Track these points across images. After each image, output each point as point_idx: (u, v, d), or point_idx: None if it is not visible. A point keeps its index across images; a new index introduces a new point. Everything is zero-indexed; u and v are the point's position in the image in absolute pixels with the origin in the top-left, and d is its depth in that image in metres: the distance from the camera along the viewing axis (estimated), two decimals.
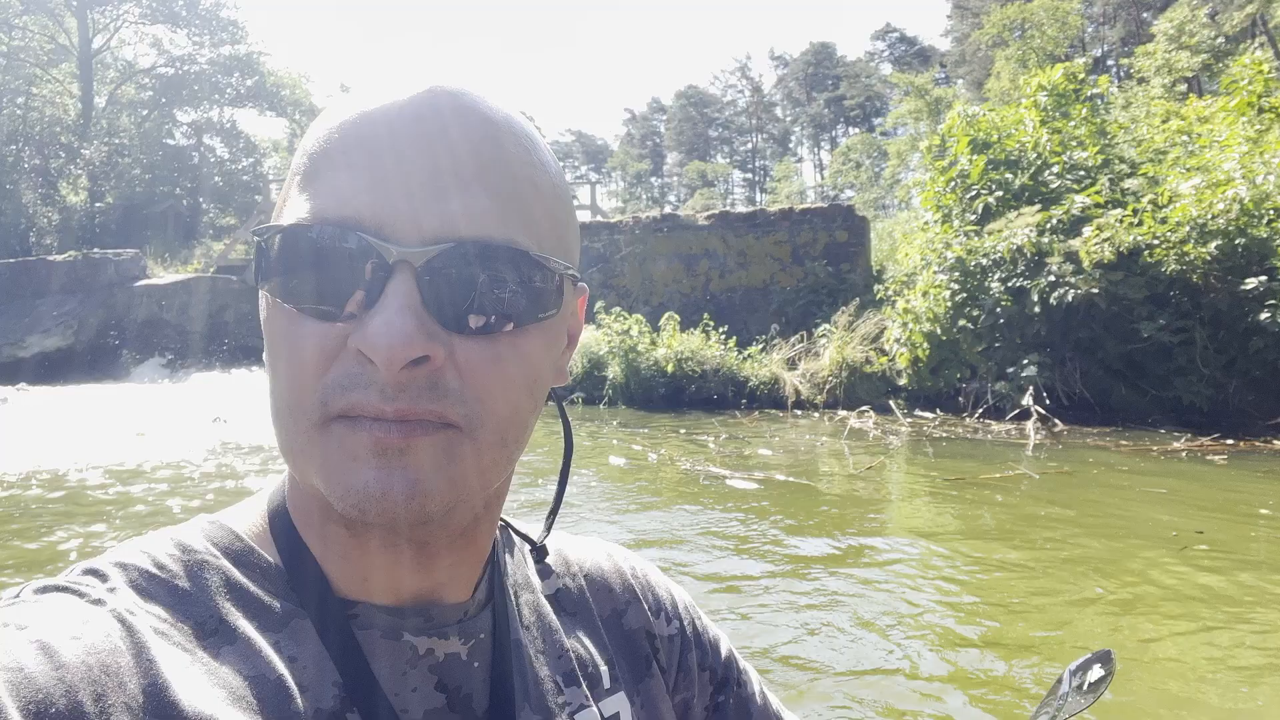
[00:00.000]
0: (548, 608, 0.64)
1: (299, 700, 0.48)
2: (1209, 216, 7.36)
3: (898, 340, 9.25)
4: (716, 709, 0.71)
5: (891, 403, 8.98)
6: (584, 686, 0.61)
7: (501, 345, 0.48)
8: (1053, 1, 41.50)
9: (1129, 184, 8.61)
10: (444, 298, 0.46)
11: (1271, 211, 7.33)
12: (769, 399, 9.66)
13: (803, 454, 6.76)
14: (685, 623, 0.72)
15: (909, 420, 8.33)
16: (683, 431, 7.77)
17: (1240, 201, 7.22)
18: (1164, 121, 9.96)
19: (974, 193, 9.51)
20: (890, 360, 9.42)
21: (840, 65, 59.42)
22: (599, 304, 11.03)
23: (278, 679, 0.48)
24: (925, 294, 9.08)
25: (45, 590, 0.47)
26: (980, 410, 8.40)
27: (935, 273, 9.17)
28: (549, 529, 0.68)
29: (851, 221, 11.72)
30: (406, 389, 0.45)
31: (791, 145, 65.87)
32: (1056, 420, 7.62)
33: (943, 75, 51.45)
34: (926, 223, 10.20)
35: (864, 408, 8.85)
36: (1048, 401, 7.91)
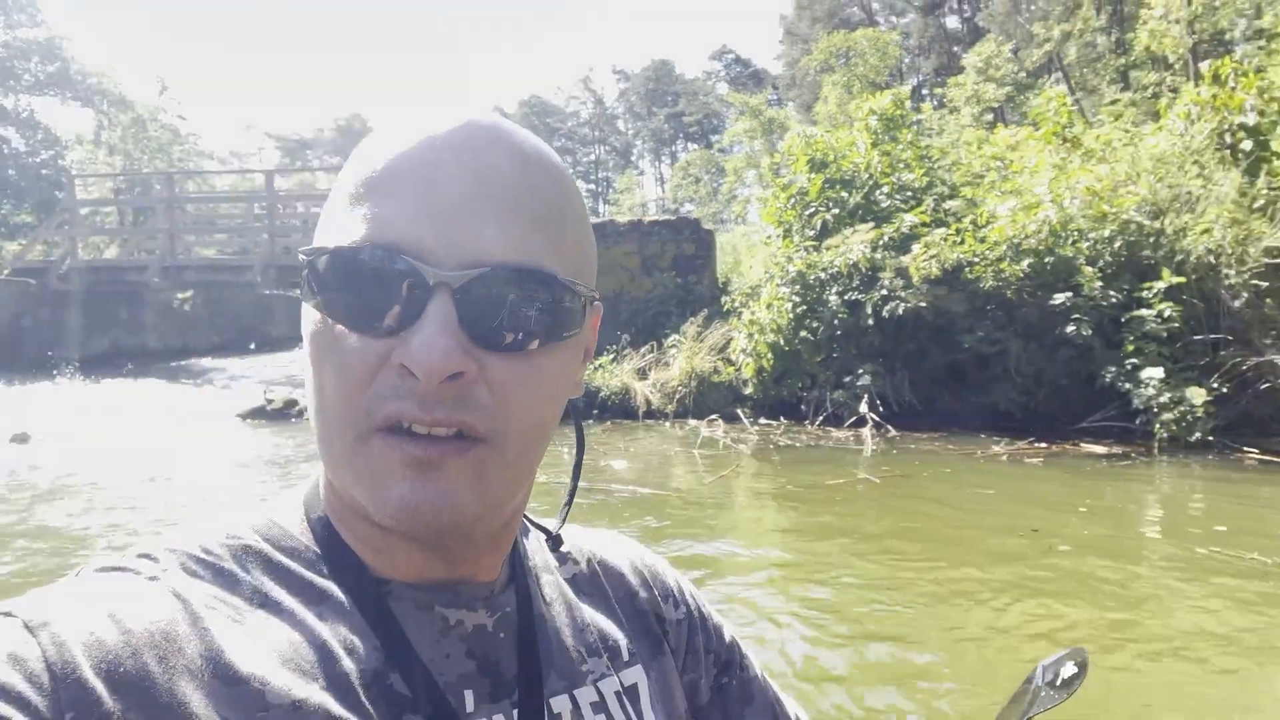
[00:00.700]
0: (566, 589, 0.68)
1: (345, 662, 0.52)
2: (1023, 236, 8.01)
3: (744, 350, 9.52)
4: (720, 690, 0.76)
5: (740, 411, 9.24)
6: (605, 657, 0.65)
7: (529, 362, 0.52)
8: (874, 32, 44.24)
9: (950, 205, 9.26)
10: (478, 317, 0.50)
11: (1075, 233, 8.07)
12: (620, 409, 9.72)
13: (656, 464, 6.83)
14: (691, 608, 0.76)
15: (756, 428, 8.59)
16: None
17: (1049, 223, 7.91)
18: (979, 148, 10.76)
19: (812, 210, 9.96)
20: (737, 370, 9.69)
21: (680, 82, 60.96)
22: None
23: (323, 644, 0.52)
24: (769, 306, 9.40)
25: (105, 570, 0.52)
26: (821, 418, 8.77)
27: (778, 286, 9.52)
28: (563, 519, 0.73)
29: (699, 234, 11.98)
30: (443, 401, 0.49)
31: (633, 158, 66.92)
32: (889, 427, 8.06)
33: (775, 97, 53.69)
34: (769, 237, 10.58)
35: (713, 416, 9.05)
36: (881, 409, 8.36)
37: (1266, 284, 7.40)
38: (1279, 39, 18.03)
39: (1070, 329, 7.67)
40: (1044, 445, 6.89)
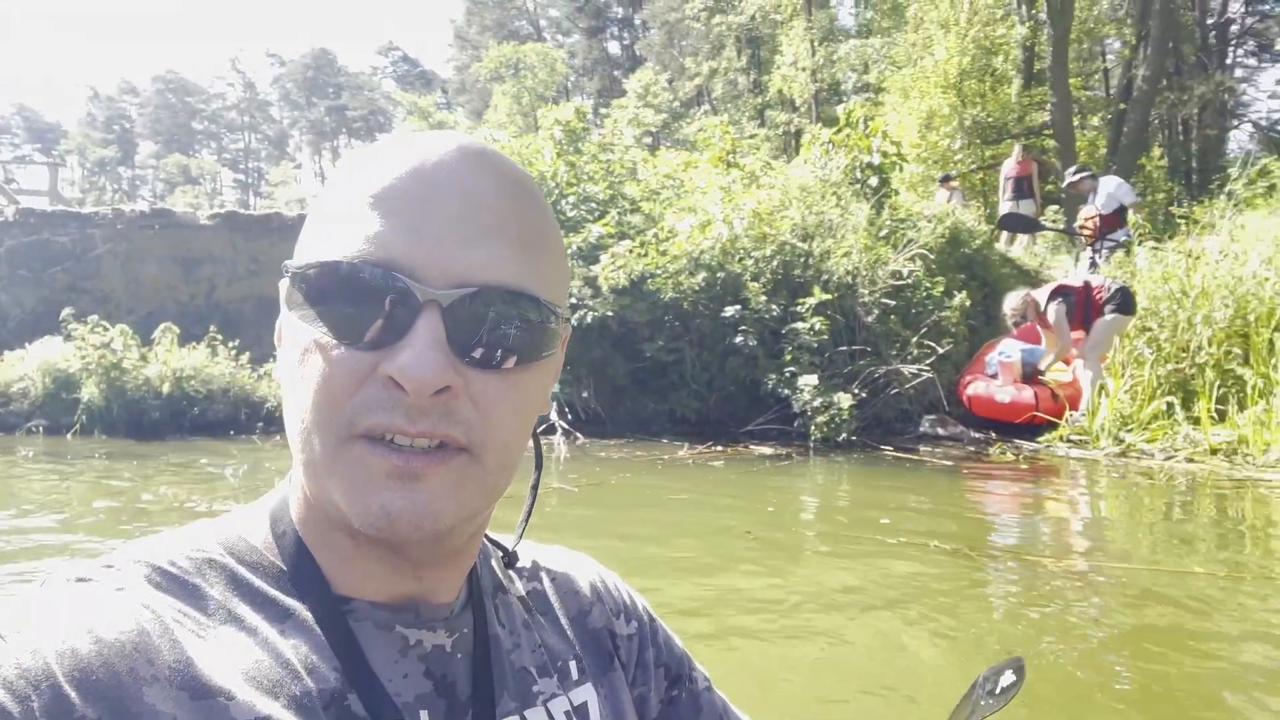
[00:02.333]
0: (520, 608, 0.70)
1: (306, 681, 0.52)
2: (699, 252, 8.53)
3: None
4: (671, 702, 0.77)
5: None
6: (555, 677, 0.66)
7: (510, 379, 0.55)
8: (543, 47, 45.40)
9: (631, 219, 9.63)
10: (464, 335, 0.52)
11: (741, 251, 8.75)
12: None
13: None
14: (644, 622, 0.78)
15: None
16: (188, 463, 6.71)
17: (721, 240, 8.49)
18: (654, 167, 11.32)
19: None
20: None
21: (343, 74, 57.89)
22: (66, 311, 8.95)
23: (285, 662, 0.52)
24: None
25: (72, 580, 0.52)
26: None
27: None
28: (519, 536, 0.75)
29: None
30: (429, 413, 0.51)
31: (290, 150, 62.24)
32: (578, 434, 8.15)
33: (445, 101, 53.08)
34: None
35: None
36: (570, 416, 8.44)
37: (893, 302, 8.56)
38: (883, 92, 21.28)
39: (739, 339, 8.30)
40: (721, 448, 7.36)
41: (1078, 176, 10.47)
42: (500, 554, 0.73)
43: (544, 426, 8.56)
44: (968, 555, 3.91)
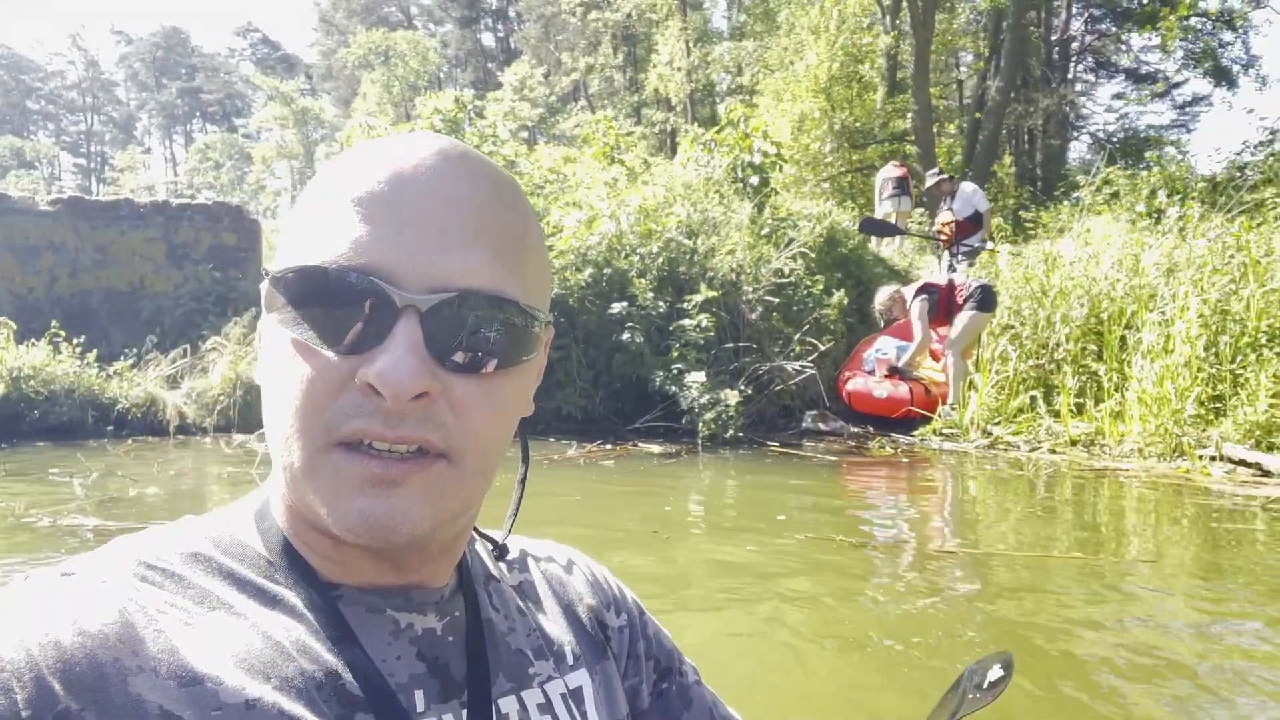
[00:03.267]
0: (514, 595, 0.70)
1: (297, 662, 0.52)
2: (585, 248, 8.43)
3: None
4: (660, 695, 0.78)
5: None
6: (551, 661, 0.67)
7: (489, 383, 0.55)
8: (415, 36, 44.18)
9: None
10: (443, 340, 0.52)
11: (628, 247, 8.71)
12: (145, 424, 8.20)
13: (203, 491, 5.85)
14: (634, 615, 0.78)
15: None
16: (27, 471, 6.12)
17: (608, 236, 8.42)
18: (537, 161, 11.14)
19: None
20: None
21: (196, 55, 54.56)
22: None
23: (275, 645, 0.53)
24: None
25: (55, 574, 0.52)
26: None
27: None
28: (509, 530, 0.75)
29: (242, 223, 10.62)
30: (407, 419, 0.51)
31: (138, 134, 58.26)
32: None
33: (309, 86, 50.89)
34: None
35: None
36: None
37: (776, 300, 8.72)
38: (757, 94, 21.76)
39: (625, 336, 8.25)
40: (610, 446, 7.30)
41: (936, 180, 10.94)
42: (490, 547, 0.73)
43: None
44: (855, 546, 3.99)
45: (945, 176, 10.95)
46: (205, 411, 8.45)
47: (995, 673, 0.81)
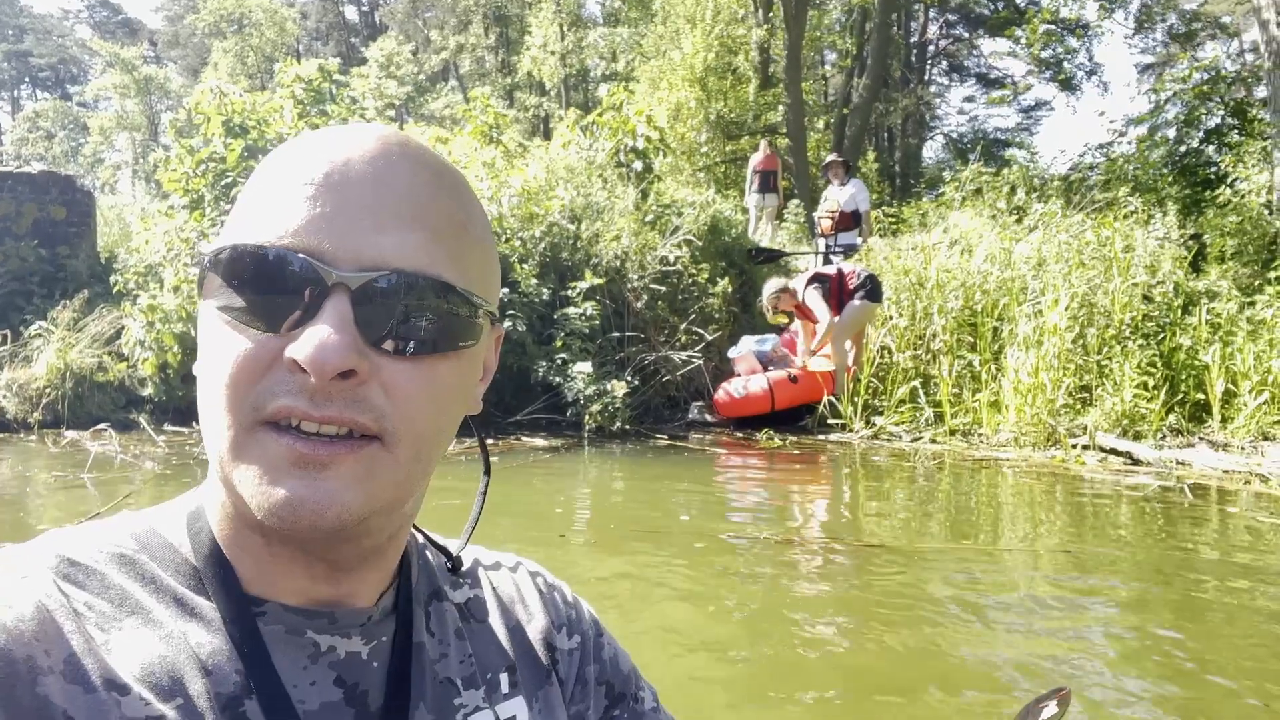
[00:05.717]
0: (455, 615, 0.67)
1: (202, 683, 0.50)
2: None
3: (141, 343, 7.80)
4: None
5: (138, 417, 7.55)
6: (482, 690, 0.64)
7: (424, 368, 0.52)
8: (271, 3, 41.74)
9: None
10: (374, 320, 0.50)
11: (509, 230, 8.30)
12: None
13: (27, 493, 5.13)
14: (587, 637, 0.75)
15: (164, 437, 7.07)
16: None
17: (488, 218, 8.00)
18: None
19: (230, 179, 8.64)
20: (132, 367, 7.93)
21: (26, 15, 49.64)
22: None
23: (185, 662, 0.50)
24: (176, 289, 7.86)
25: None
26: None
27: (186, 266, 8.03)
28: (466, 540, 0.73)
29: (73, 195, 9.51)
30: (334, 399, 0.49)
31: None
32: None
33: (153, 53, 47.38)
34: (172, 208, 8.91)
35: (102, 425, 7.21)
36: None
37: (661, 288, 8.52)
38: (633, 81, 21.58)
39: (507, 324, 7.86)
40: (492, 441, 6.92)
41: (839, 160, 10.92)
42: (445, 559, 0.71)
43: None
44: (750, 539, 3.83)
45: (843, 161, 11.00)
46: (30, 405, 7.50)
47: (1050, 710, 0.80)
